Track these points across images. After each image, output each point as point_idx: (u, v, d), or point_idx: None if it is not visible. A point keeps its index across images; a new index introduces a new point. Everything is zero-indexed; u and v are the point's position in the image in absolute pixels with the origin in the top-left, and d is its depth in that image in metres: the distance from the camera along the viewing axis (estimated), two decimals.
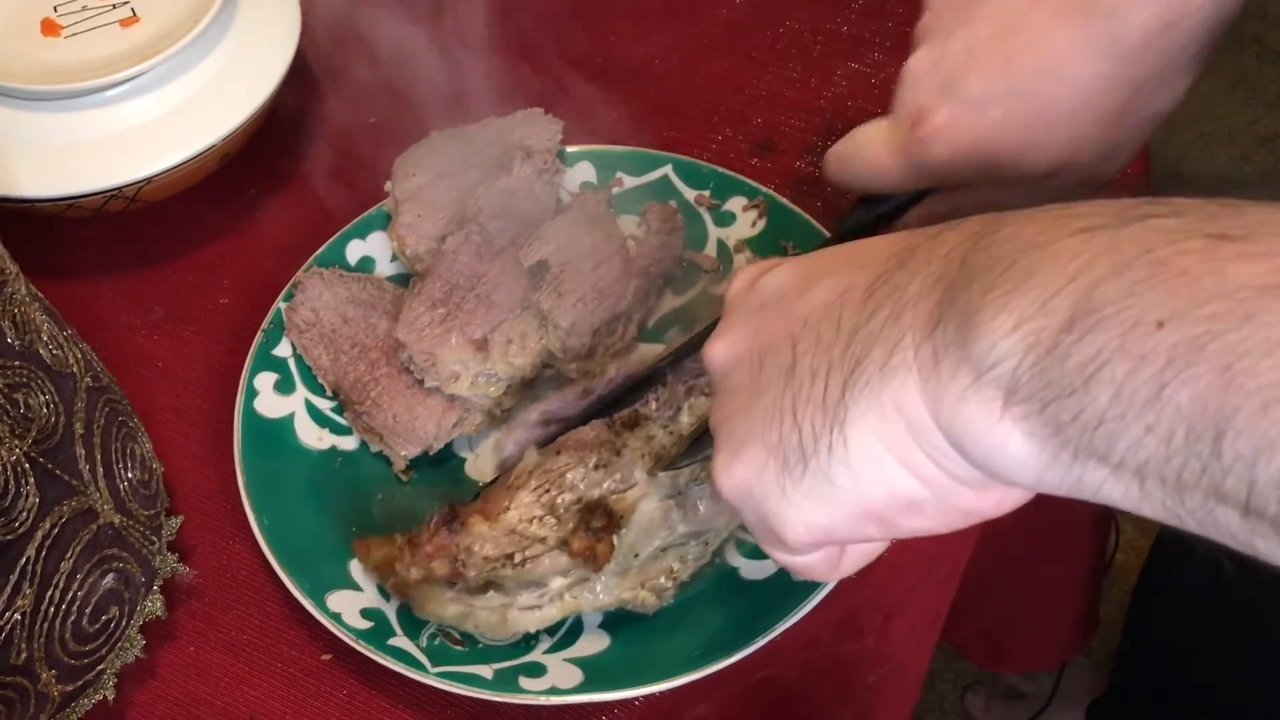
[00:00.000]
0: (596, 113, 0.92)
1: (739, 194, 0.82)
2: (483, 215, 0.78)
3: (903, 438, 0.38)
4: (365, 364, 0.75)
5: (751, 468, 0.43)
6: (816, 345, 0.41)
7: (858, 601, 0.68)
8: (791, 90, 0.93)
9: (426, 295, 0.75)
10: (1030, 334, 0.34)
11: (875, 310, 0.40)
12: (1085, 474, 0.34)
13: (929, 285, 0.38)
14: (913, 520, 0.41)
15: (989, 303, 0.35)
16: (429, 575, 0.62)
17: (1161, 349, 0.31)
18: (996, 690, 1.50)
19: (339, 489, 0.72)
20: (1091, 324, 0.32)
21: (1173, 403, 0.31)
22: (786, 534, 0.43)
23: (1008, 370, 0.34)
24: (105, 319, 0.84)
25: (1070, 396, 0.33)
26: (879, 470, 0.39)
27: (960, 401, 0.36)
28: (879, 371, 0.38)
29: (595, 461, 0.62)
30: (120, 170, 0.79)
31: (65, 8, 0.86)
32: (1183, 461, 0.31)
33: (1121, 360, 0.32)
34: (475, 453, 0.74)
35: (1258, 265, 0.30)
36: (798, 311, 0.44)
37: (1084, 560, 1.09)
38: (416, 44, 0.99)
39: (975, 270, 0.36)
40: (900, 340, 0.38)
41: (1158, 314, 0.31)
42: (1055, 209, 0.37)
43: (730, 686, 0.65)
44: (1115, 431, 0.32)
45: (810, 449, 0.40)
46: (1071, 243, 0.34)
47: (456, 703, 0.64)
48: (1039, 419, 0.34)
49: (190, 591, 0.71)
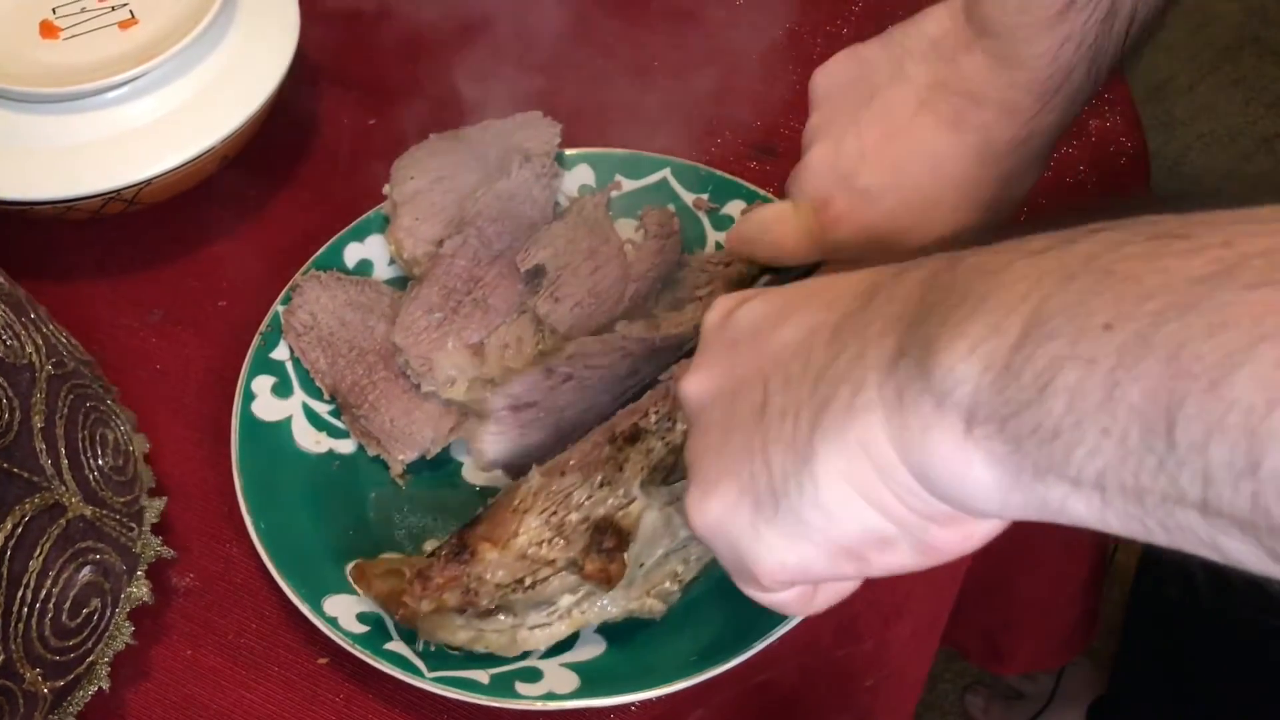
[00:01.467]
0: (595, 115, 0.92)
1: (738, 197, 0.82)
2: (481, 218, 0.78)
3: (869, 477, 0.39)
4: (363, 367, 0.75)
5: (724, 505, 0.43)
6: (786, 385, 0.42)
7: (857, 605, 0.67)
8: (791, 93, 0.93)
9: (424, 299, 0.75)
10: (985, 355, 0.34)
11: (841, 350, 0.40)
12: (1048, 492, 0.34)
13: (889, 324, 0.39)
14: (886, 557, 0.41)
15: (945, 331, 0.35)
16: (440, 606, 0.62)
17: (1110, 349, 0.31)
18: (996, 690, 1.50)
19: (336, 493, 0.72)
20: (1042, 336, 0.33)
21: (1125, 401, 0.31)
22: (760, 572, 0.43)
23: (967, 393, 0.35)
24: (103, 321, 0.84)
25: (1027, 410, 0.33)
26: (848, 510, 0.40)
27: (924, 431, 0.36)
28: (845, 411, 0.39)
29: (600, 479, 0.62)
30: (119, 172, 0.79)
31: (64, 9, 0.86)
32: (1138, 461, 0.31)
33: (1073, 366, 0.32)
34: (473, 456, 0.74)
35: (1196, 259, 0.31)
36: (768, 349, 0.44)
37: (1085, 560, 1.09)
38: (416, 46, 0.99)
39: (932, 304, 0.37)
40: (864, 379, 0.38)
41: (1104, 317, 0.32)
42: (1015, 241, 0.37)
43: (728, 691, 0.65)
44: (1071, 441, 0.32)
45: (781, 489, 0.41)
46: (1021, 265, 0.35)
47: (453, 708, 0.64)
48: (999, 438, 0.34)
49: (187, 594, 0.71)
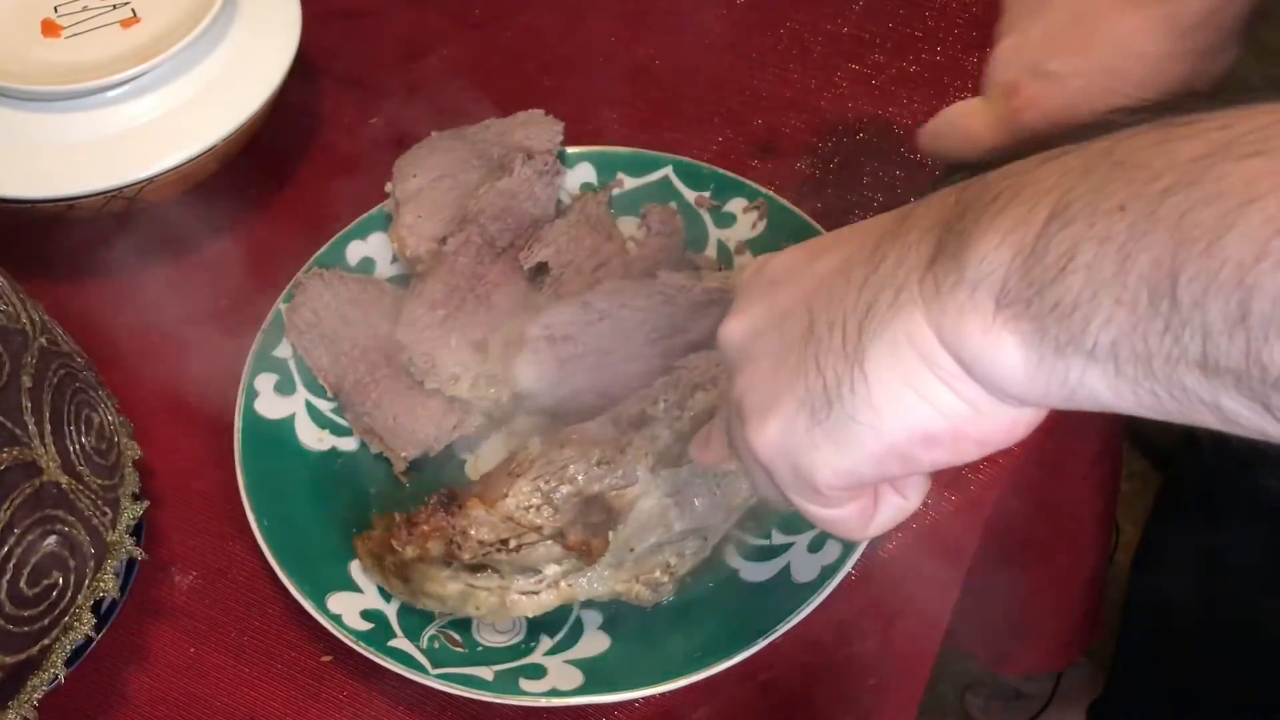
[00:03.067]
0: (597, 113, 0.92)
1: (739, 195, 0.82)
2: (483, 216, 0.78)
3: (917, 367, 0.41)
4: (365, 365, 0.75)
5: (783, 421, 0.45)
6: (830, 301, 0.44)
7: (860, 604, 0.68)
8: (792, 91, 0.93)
9: (427, 297, 0.75)
10: (1014, 243, 0.37)
11: (882, 260, 0.42)
12: (1068, 369, 0.37)
13: (925, 231, 0.42)
14: (931, 453, 0.42)
15: (979, 224, 0.39)
16: (424, 554, 0.62)
17: (1122, 226, 0.35)
18: (996, 691, 1.49)
19: (339, 490, 0.72)
20: (1064, 221, 0.36)
21: (1135, 271, 0.34)
22: (817, 480, 0.44)
23: (998, 279, 0.38)
24: (105, 319, 0.84)
25: (1049, 288, 0.36)
26: (898, 403, 0.41)
27: (959, 316, 0.39)
28: (889, 309, 0.41)
29: (599, 458, 0.63)
30: (121, 171, 0.79)
31: (66, 8, 0.86)
32: (1147, 324, 0.34)
33: (1089, 245, 0.35)
34: (475, 454, 0.74)
35: (1197, 140, 0.34)
36: (808, 279, 0.46)
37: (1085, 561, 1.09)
38: (416, 45, 1.00)
39: (967, 205, 0.40)
40: (906, 279, 0.41)
41: (1118, 199, 0.35)
42: (1039, 154, 0.40)
43: (731, 689, 0.65)
44: (1088, 313, 0.35)
45: (834, 393, 0.43)
46: (1048, 168, 0.38)
47: (457, 704, 0.64)
48: (1025, 317, 0.37)
49: (190, 592, 0.71)
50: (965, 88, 0.92)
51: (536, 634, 0.66)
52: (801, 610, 0.63)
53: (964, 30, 0.96)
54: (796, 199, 0.82)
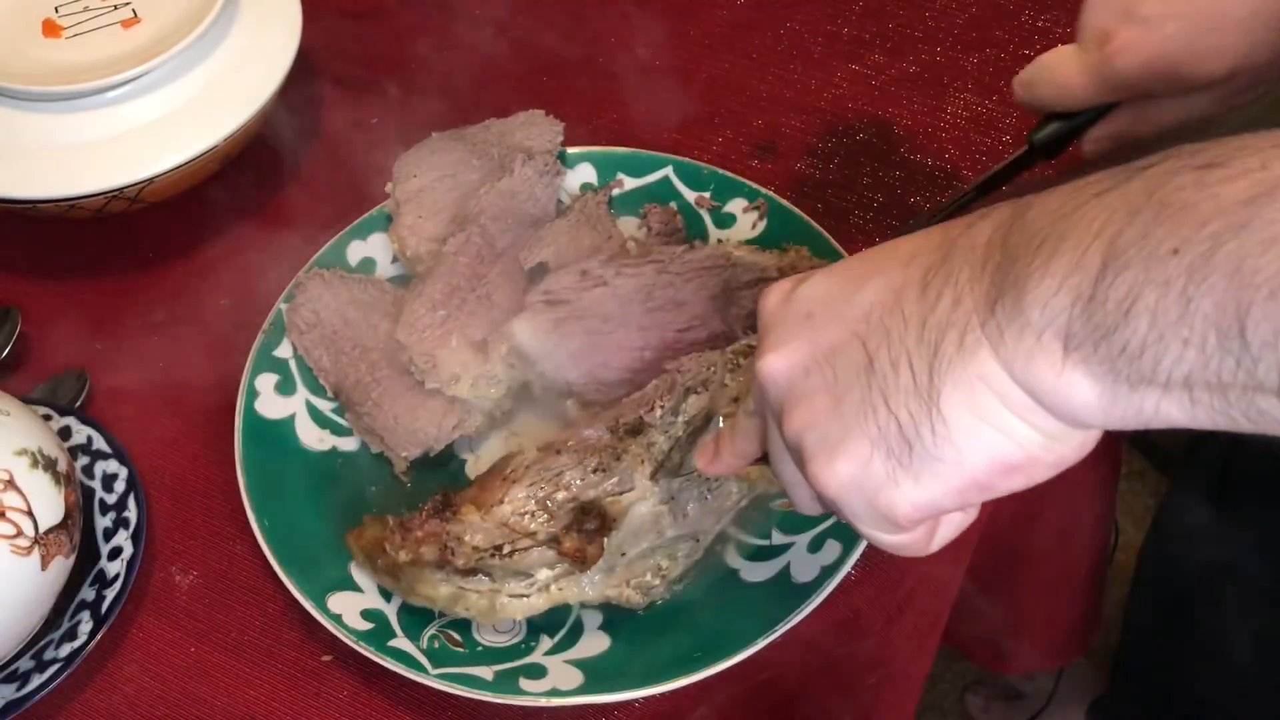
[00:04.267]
0: (597, 114, 0.92)
1: (739, 195, 0.82)
2: (483, 217, 0.78)
3: (993, 405, 0.42)
4: (366, 365, 0.75)
5: (856, 462, 0.45)
6: (888, 339, 0.44)
7: (859, 603, 0.68)
8: (792, 91, 0.93)
9: (427, 297, 0.75)
10: (1072, 289, 0.39)
11: (937, 299, 0.43)
12: (1143, 400, 0.38)
13: (978, 270, 0.42)
14: (1009, 480, 0.44)
15: (1034, 271, 0.40)
16: (417, 559, 0.62)
17: (1180, 271, 0.36)
18: (996, 690, 1.49)
19: (340, 490, 0.72)
20: (1120, 266, 0.37)
21: (1199, 313, 0.35)
22: (898, 515, 0.45)
23: (1061, 324, 0.39)
24: (106, 319, 0.84)
25: (1116, 332, 0.37)
26: (978, 439, 0.43)
27: (1029, 361, 0.40)
28: (958, 352, 0.42)
29: (595, 465, 0.63)
30: (122, 171, 0.79)
31: (67, 8, 0.86)
32: (1219, 361, 0.36)
33: (1150, 290, 0.36)
34: (475, 454, 0.74)
35: (1239, 183, 0.36)
36: (852, 312, 0.46)
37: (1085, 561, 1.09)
38: (416, 45, 1.00)
39: (1016, 248, 0.41)
40: (968, 322, 0.42)
41: (1171, 243, 0.36)
42: (1069, 184, 0.41)
43: (731, 688, 0.65)
44: (1159, 353, 0.37)
45: (912, 434, 0.44)
46: (1089, 207, 0.39)
47: (457, 704, 0.64)
48: (1095, 359, 0.38)
49: (191, 591, 0.71)
50: (965, 88, 0.92)
51: (536, 634, 0.66)
52: (801, 610, 0.63)
53: (964, 30, 0.96)
54: (796, 199, 0.82)
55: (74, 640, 0.66)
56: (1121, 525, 1.40)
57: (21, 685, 0.65)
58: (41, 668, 0.65)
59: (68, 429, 0.74)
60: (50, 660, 0.66)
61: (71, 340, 0.82)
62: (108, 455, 0.73)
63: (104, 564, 0.69)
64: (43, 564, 0.63)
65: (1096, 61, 0.65)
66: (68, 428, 0.74)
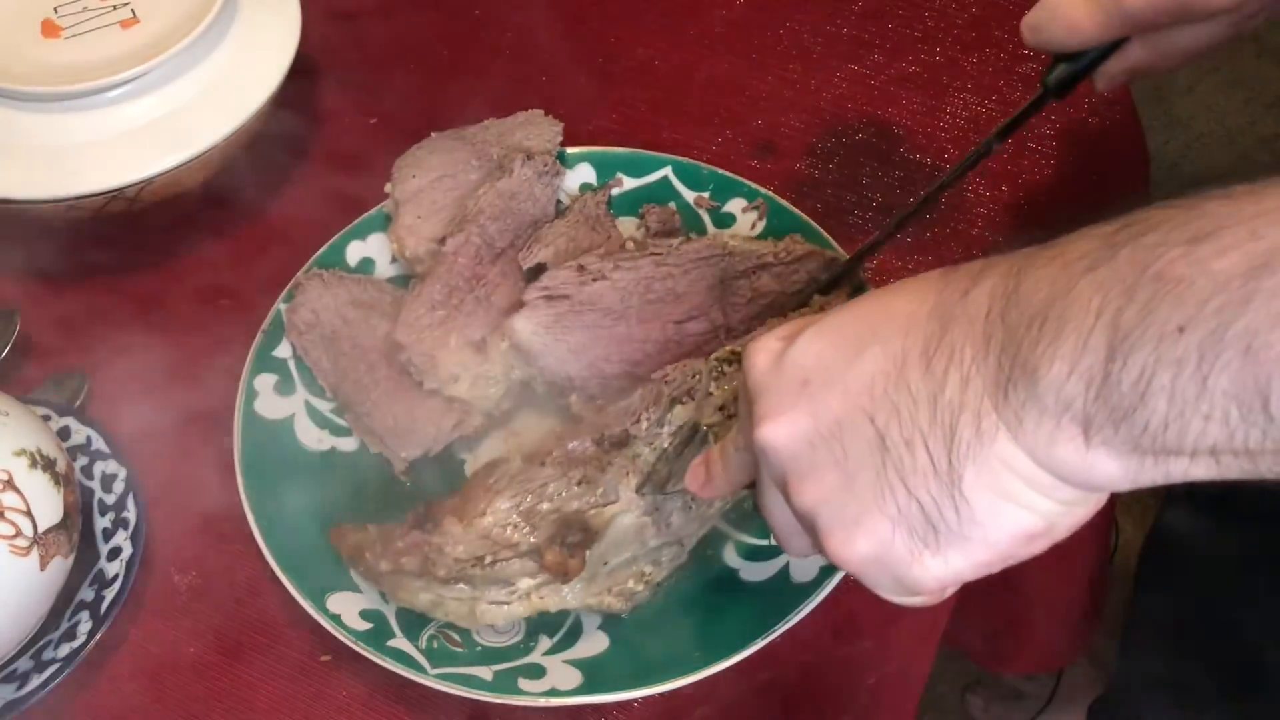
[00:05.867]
0: (596, 114, 0.92)
1: (738, 195, 0.82)
2: (482, 217, 0.78)
3: (1015, 485, 0.42)
4: (365, 365, 0.75)
5: (876, 540, 0.46)
6: (898, 416, 0.44)
7: (858, 604, 0.68)
8: (791, 91, 0.93)
9: (426, 297, 0.75)
10: (1083, 373, 0.39)
11: (944, 376, 0.43)
12: (1171, 467, 0.39)
13: (981, 349, 0.43)
14: (1032, 547, 0.45)
15: (1041, 357, 0.40)
16: (398, 569, 0.62)
17: (1191, 350, 0.36)
18: (996, 690, 1.49)
19: (339, 490, 0.72)
20: (1128, 348, 0.38)
21: (1217, 389, 0.36)
22: (924, 589, 0.46)
23: (1079, 408, 0.39)
24: (106, 319, 0.84)
25: (1135, 413, 0.38)
26: (1002, 518, 0.43)
27: (1051, 445, 0.41)
28: (975, 437, 0.42)
29: (579, 477, 0.62)
30: (121, 171, 0.79)
31: (66, 9, 0.86)
32: (1245, 433, 0.36)
33: (1163, 370, 0.37)
34: (475, 454, 0.74)
35: (1233, 257, 0.36)
36: (854, 383, 0.46)
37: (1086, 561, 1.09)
38: (416, 45, 1.00)
39: (1017, 328, 0.41)
40: (981, 405, 0.42)
41: (1176, 322, 0.36)
42: (1056, 255, 0.41)
43: (730, 688, 0.65)
44: (1181, 429, 0.37)
45: (936, 515, 0.44)
46: (1084, 284, 0.39)
47: (456, 704, 0.64)
48: (1116, 440, 0.39)
49: (190, 592, 0.71)
50: (964, 88, 0.92)
51: (536, 634, 0.66)
52: (800, 610, 0.63)
53: (963, 31, 0.96)
54: (796, 199, 0.82)
55: (73, 640, 0.66)
56: (1121, 525, 1.40)
57: (20, 685, 0.65)
58: (40, 668, 0.65)
59: (67, 429, 0.74)
60: (49, 660, 0.66)
61: (71, 340, 0.83)
62: (107, 456, 0.73)
63: (103, 564, 0.69)
64: (41, 564, 0.63)
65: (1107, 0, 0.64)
66: (67, 428, 0.74)
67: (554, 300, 0.72)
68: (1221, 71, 2.07)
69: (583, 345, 0.72)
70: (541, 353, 0.72)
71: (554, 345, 0.72)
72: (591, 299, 0.73)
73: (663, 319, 0.73)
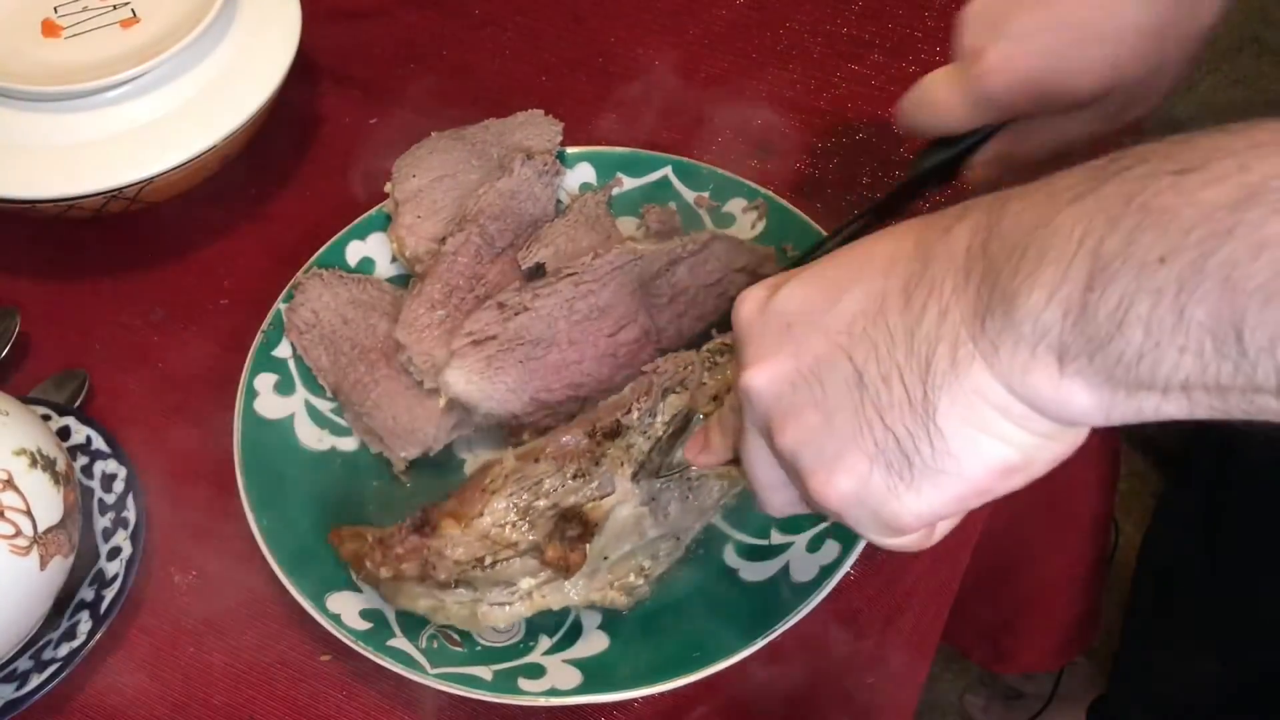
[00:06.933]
0: (596, 113, 0.92)
1: (738, 195, 0.82)
2: (482, 216, 0.78)
3: (990, 416, 0.42)
4: (365, 365, 0.75)
5: (855, 476, 0.46)
6: (876, 352, 0.44)
7: (858, 603, 0.68)
8: (791, 91, 0.93)
9: (426, 297, 0.75)
10: (1061, 301, 0.39)
11: (922, 311, 0.43)
12: (1142, 403, 0.39)
13: (961, 280, 0.42)
14: (1009, 481, 0.44)
15: (1020, 284, 0.40)
16: (398, 575, 0.62)
17: (1170, 280, 0.36)
18: (996, 690, 1.49)
19: (339, 490, 0.72)
20: (1108, 277, 0.37)
21: (1194, 321, 0.36)
22: (902, 524, 0.46)
23: (1055, 337, 0.39)
24: (105, 319, 0.84)
25: (1110, 343, 0.38)
26: (977, 449, 0.43)
27: (1026, 374, 0.40)
28: (951, 367, 0.42)
29: (574, 471, 0.62)
30: (121, 171, 0.79)
31: (66, 8, 0.86)
32: (1217, 367, 0.36)
33: (1141, 299, 0.36)
34: (475, 454, 0.74)
35: (1220, 188, 0.36)
36: (834, 323, 0.46)
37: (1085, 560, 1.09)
38: (416, 45, 1.00)
39: (997, 258, 0.41)
40: (957, 336, 0.42)
41: (1158, 251, 0.36)
42: (1041, 186, 0.41)
43: (730, 688, 0.65)
44: (1156, 360, 0.37)
45: (910, 448, 0.44)
46: (1068, 213, 0.39)
47: (456, 704, 0.64)
48: (1091, 369, 0.39)
49: (189, 592, 0.71)
50: None
51: (535, 633, 0.66)
52: (800, 610, 0.63)
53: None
54: (795, 199, 0.82)
55: (73, 640, 0.66)
56: (1121, 525, 1.40)
57: (20, 685, 0.65)
58: (40, 667, 0.65)
59: (67, 429, 0.74)
60: (49, 660, 0.66)
61: (71, 340, 0.83)
62: (107, 455, 0.73)
63: (103, 564, 0.69)
64: (41, 564, 0.63)
65: (969, 82, 0.64)
66: (67, 427, 0.74)
67: (481, 344, 0.71)
68: (1221, 71, 2.07)
69: (520, 381, 0.71)
70: (481, 400, 0.71)
71: (491, 389, 0.71)
72: (518, 333, 0.71)
73: (593, 336, 0.72)
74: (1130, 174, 0.38)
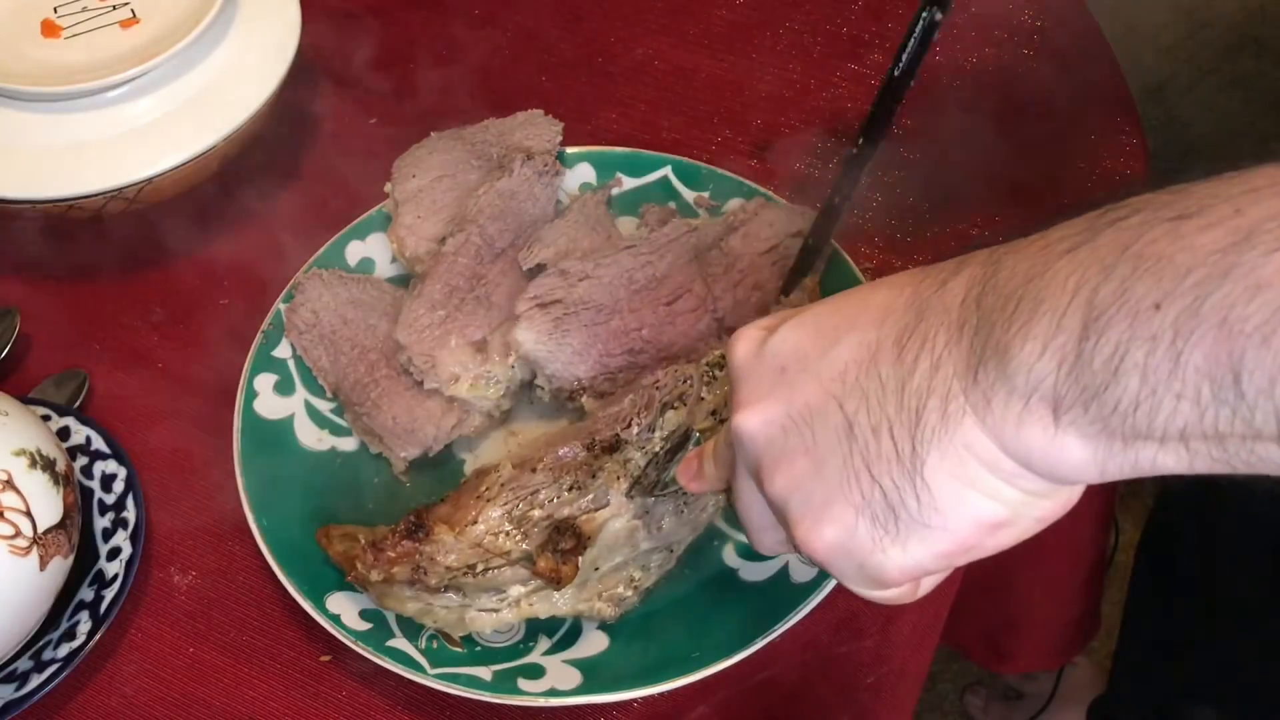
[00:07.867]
0: (596, 113, 0.92)
1: (738, 195, 0.82)
2: (482, 216, 0.78)
3: (978, 472, 0.42)
4: (365, 365, 0.75)
5: (841, 528, 0.45)
6: (866, 402, 0.44)
7: (857, 603, 0.68)
8: (791, 91, 0.93)
9: (426, 297, 0.75)
10: (1056, 351, 0.38)
11: (915, 363, 0.43)
12: (1139, 455, 0.38)
13: (955, 334, 0.42)
14: (996, 538, 0.44)
15: (1014, 337, 0.39)
16: (389, 578, 0.62)
17: (1166, 325, 0.35)
18: (996, 690, 1.49)
19: (338, 490, 0.72)
20: (1102, 325, 0.37)
21: (1190, 365, 0.35)
22: (886, 578, 0.46)
23: (1049, 387, 0.39)
24: (105, 319, 0.84)
25: (1106, 391, 0.37)
26: (964, 506, 0.43)
27: (1019, 427, 0.40)
28: (940, 420, 0.42)
29: (570, 483, 0.62)
30: (121, 171, 0.79)
31: (65, 9, 0.86)
32: (1215, 413, 0.35)
33: (1137, 346, 0.36)
34: (475, 454, 0.74)
35: (1215, 232, 0.35)
36: (827, 371, 0.46)
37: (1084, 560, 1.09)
38: (415, 45, 1.00)
39: (991, 311, 0.41)
40: (949, 389, 0.42)
41: (1152, 298, 0.36)
42: (1036, 240, 0.41)
43: (730, 688, 0.65)
44: (1153, 408, 0.36)
45: (897, 501, 0.43)
46: (1062, 265, 0.39)
47: (455, 704, 0.64)
48: (1085, 420, 0.38)
49: (189, 592, 0.71)
50: (964, 88, 0.92)
51: (535, 634, 0.66)
52: (800, 610, 0.63)
53: (962, 31, 0.96)
54: (795, 199, 0.82)
55: (73, 640, 0.66)
56: (1121, 525, 1.40)
57: (20, 685, 0.65)
58: (40, 668, 0.65)
59: (67, 429, 0.74)
60: (49, 660, 0.66)
61: (71, 340, 0.83)
62: (106, 455, 0.73)
63: (102, 564, 0.69)
64: (41, 564, 0.63)
65: None
66: (67, 428, 0.74)
67: (547, 306, 0.72)
68: (1221, 71, 2.07)
69: (585, 344, 0.72)
70: (548, 359, 0.72)
71: (559, 350, 0.72)
72: (583, 299, 0.73)
73: (652, 304, 0.74)
74: (1125, 223, 0.38)
